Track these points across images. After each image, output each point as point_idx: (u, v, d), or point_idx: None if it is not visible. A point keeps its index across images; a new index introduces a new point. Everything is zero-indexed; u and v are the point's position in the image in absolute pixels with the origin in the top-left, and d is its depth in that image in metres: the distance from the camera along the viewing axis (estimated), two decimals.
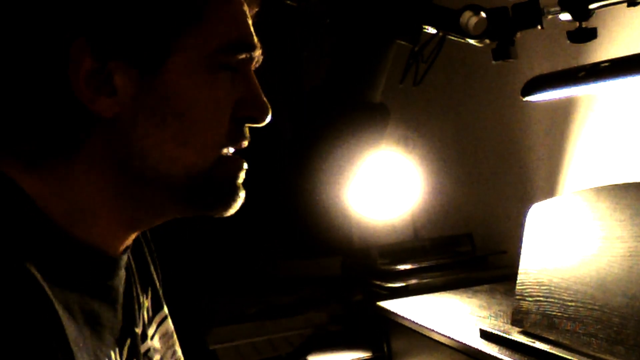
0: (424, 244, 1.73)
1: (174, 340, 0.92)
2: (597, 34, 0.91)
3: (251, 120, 0.77)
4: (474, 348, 1.04)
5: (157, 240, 0.95)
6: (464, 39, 1.03)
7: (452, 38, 1.05)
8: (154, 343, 0.87)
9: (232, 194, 0.77)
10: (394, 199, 1.71)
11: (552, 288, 1.01)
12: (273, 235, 2.47)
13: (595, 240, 0.96)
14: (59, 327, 0.62)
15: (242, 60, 0.75)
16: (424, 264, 1.59)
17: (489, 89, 1.74)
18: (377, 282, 1.51)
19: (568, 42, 0.92)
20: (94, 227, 0.72)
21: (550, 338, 0.97)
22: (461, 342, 1.08)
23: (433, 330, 1.18)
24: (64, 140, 0.70)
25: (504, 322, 1.13)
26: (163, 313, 0.92)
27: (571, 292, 0.97)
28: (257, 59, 0.78)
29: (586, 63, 0.97)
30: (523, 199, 1.61)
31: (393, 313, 1.33)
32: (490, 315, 1.19)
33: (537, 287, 1.03)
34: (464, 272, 1.54)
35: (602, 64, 0.88)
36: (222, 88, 0.74)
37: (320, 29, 1.13)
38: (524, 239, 1.10)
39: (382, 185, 1.67)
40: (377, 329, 1.42)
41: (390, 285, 1.47)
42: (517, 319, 1.05)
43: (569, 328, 0.95)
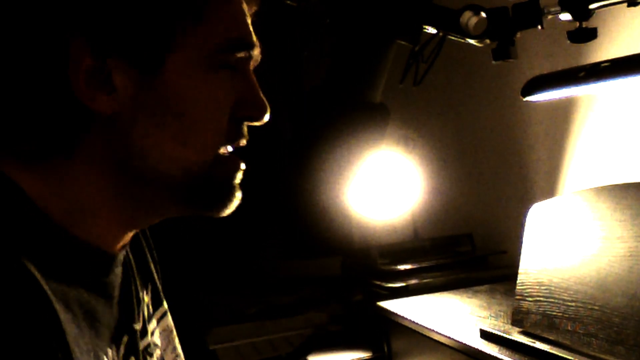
0: (424, 244, 1.73)
1: (173, 335, 0.93)
2: (597, 34, 0.91)
3: (250, 119, 0.78)
4: (474, 348, 1.04)
5: (158, 240, 0.95)
6: (464, 39, 1.03)
7: (452, 38, 1.05)
8: (154, 339, 0.87)
9: (229, 194, 0.77)
10: (394, 199, 1.71)
11: (552, 288, 1.01)
12: (273, 235, 2.47)
13: (595, 241, 0.96)
14: (58, 327, 0.63)
15: (242, 59, 0.75)
16: (424, 264, 1.59)
17: (489, 89, 1.74)
18: (377, 282, 1.51)
19: (568, 42, 0.92)
20: (93, 226, 0.72)
21: (551, 338, 0.97)
22: (461, 342, 1.08)
23: (433, 331, 1.18)
24: (64, 139, 0.70)
25: (504, 322, 1.13)
26: (163, 309, 0.92)
27: (571, 292, 0.97)
28: (256, 58, 0.79)
29: (586, 63, 0.97)
30: (523, 199, 1.61)
31: (393, 313, 1.33)
32: (491, 316, 1.19)
33: (537, 287, 1.03)
34: (464, 272, 1.54)
35: (602, 64, 0.88)
36: (221, 87, 0.74)
37: (320, 29, 1.13)
38: (524, 239, 1.10)
39: (382, 185, 1.67)
40: (377, 329, 1.42)
41: (390, 285, 1.47)
42: (517, 319, 1.05)
43: (569, 328, 0.95)
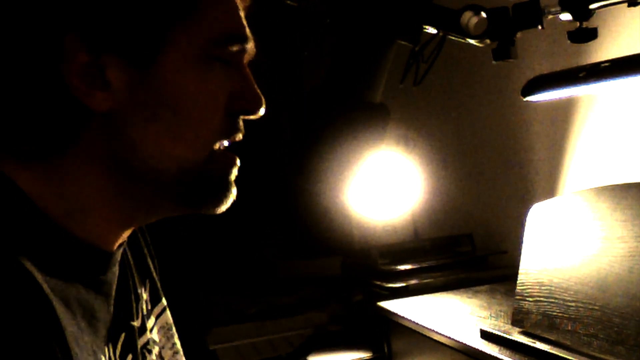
0: (425, 244, 1.73)
1: (172, 332, 0.92)
2: (598, 34, 0.91)
3: (245, 113, 0.77)
4: (474, 348, 1.04)
5: (158, 240, 0.95)
6: (464, 39, 1.03)
7: (453, 38, 1.05)
8: (153, 335, 0.87)
9: (224, 190, 0.76)
10: (394, 199, 1.71)
11: (552, 288, 1.00)
12: (273, 235, 2.47)
13: (595, 241, 0.96)
14: (58, 325, 0.62)
15: (236, 52, 0.75)
16: (424, 264, 1.59)
17: (489, 89, 1.74)
18: (378, 282, 1.51)
19: (568, 42, 0.92)
20: (92, 225, 0.72)
21: (551, 338, 0.97)
22: (461, 343, 1.08)
23: (433, 331, 1.18)
24: (60, 136, 0.70)
25: (504, 323, 1.13)
26: (162, 305, 0.92)
27: (572, 293, 0.97)
28: (250, 52, 0.78)
29: (586, 63, 0.97)
30: (523, 199, 1.61)
31: (393, 313, 1.33)
32: (491, 316, 1.19)
33: (537, 288, 1.03)
34: (464, 272, 1.54)
35: (603, 64, 0.88)
36: (215, 81, 0.74)
37: (320, 29, 1.13)
38: (524, 239, 1.10)
39: (382, 185, 1.67)
40: (377, 329, 1.42)
41: (390, 285, 1.47)
42: (518, 319, 1.05)
43: (569, 328, 0.95)
